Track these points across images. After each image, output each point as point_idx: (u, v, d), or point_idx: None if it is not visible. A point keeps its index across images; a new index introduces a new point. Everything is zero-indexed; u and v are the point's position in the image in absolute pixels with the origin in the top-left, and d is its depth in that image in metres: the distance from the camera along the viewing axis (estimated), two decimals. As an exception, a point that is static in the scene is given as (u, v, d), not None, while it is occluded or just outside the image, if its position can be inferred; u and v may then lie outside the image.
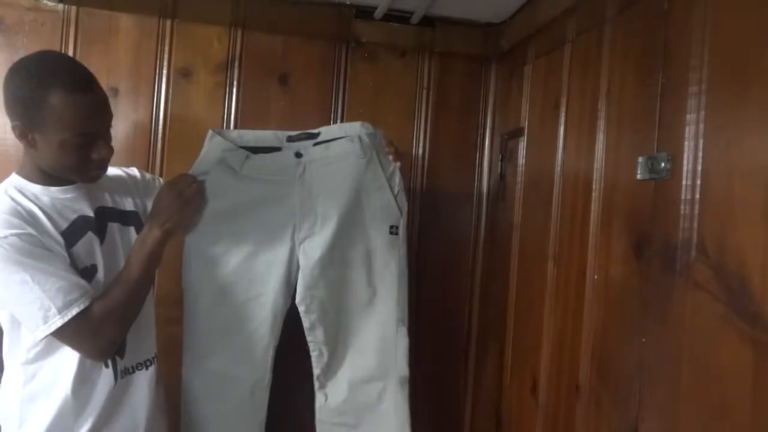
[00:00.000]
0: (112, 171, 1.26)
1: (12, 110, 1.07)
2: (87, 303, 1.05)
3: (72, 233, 1.10)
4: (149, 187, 1.34)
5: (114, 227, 1.20)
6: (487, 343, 1.77)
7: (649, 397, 1.00)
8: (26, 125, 1.06)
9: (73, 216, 1.12)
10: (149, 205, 1.29)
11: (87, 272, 1.11)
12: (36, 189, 1.11)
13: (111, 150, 1.14)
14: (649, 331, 1.01)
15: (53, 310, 1.02)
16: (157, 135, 1.63)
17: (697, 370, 0.90)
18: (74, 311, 1.03)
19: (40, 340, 1.06)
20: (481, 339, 1.81)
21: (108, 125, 1.14)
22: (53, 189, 1.12)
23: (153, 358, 1.25)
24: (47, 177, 1.12)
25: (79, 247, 1.11)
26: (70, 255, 1.09)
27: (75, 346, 1.08)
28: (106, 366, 1.14)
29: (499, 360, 1.65)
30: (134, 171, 1.36)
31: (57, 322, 1.02)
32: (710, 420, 0.87)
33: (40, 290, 1.01)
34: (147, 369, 1.23)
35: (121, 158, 1.56)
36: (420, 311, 1.78)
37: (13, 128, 1.07)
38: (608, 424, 1.12)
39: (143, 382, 1.22)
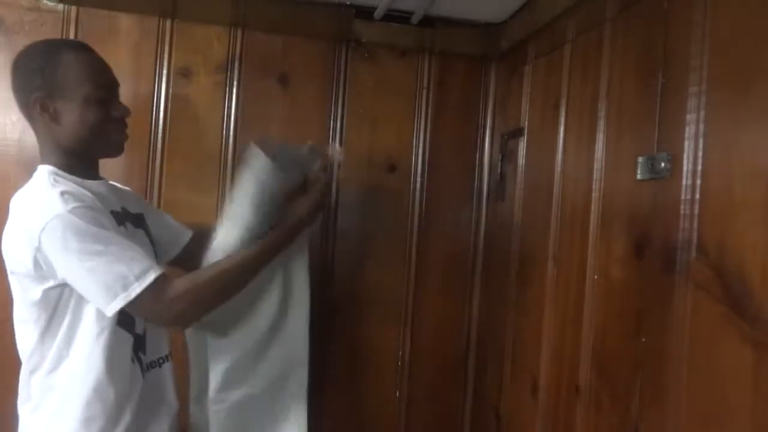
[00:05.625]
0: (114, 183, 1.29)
1: (29, 85, 1.08)
2: (161, 270, 1.05)
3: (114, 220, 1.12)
4: (149, 206, 1.38)
5: (129, 227, 1.21)
6: (487, 343, 1.77)
7: (649, 397, 1.00)
8: (47, 93, 1.07)
9: (109, 209, 1.13)
10: (148, 218, 1.30)
11: None
12: (74, 180, 1.11)
13: (128, 110, 1.17)
14: (649, 331, 1.01)
15: (131, 277, 1.01)
16: (157, 135, 1.63)
17: (697, 370, 0.90)
18: (151, 277, 1.03)
19: (114, 314, 1.04)
20: (481, 339, 1.81)
21: (117, 86, 1.18)
22: (87, 182, 1.13)
23: (167, 355, 1.25)
24: (76, 167, 1.12)
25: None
26: None
27: (152, 314, 1.08)
28: (133, 361, 1.14)
29: (499, 360, 1.65)
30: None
31: (136, 288, 1.01)
32: (710, 420, 0.87)
33: (115, 260, 1.01)
34: (160, 367, 1.23)
35: (121, 158, 1.56)
36: (420, 311, 1.78)
37: (34, 102, 1.08)
38: (608, 424, 1.12)
39: (164, 380, 1.23)
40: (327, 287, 1.72)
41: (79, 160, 1.13)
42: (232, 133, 1.66)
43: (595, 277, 1.19)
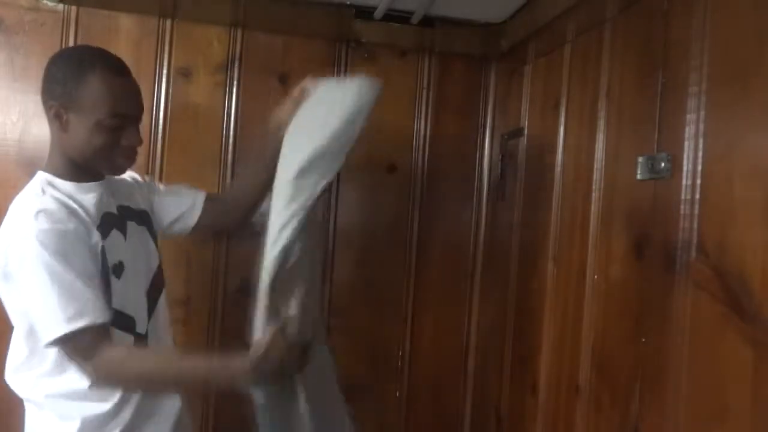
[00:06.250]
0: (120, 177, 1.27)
1: (50, 92, 1.09)
2: (96, 320, 1.02)
3: (103, 228, 1.11)
4: (150, 189, 1.34)
5: (132, 225, 1.21)
6: (487, 343, 1.77)
7: (649, 397, 1.00)
8: (63, 105, 1.07)
9: (102, 212, 1.13)
10: (154, 206, 1.30)
11: (116, 269, 1.12)
12: (68, 186, 1.11)
13: (140, 139, 1.15)
14: (649, 331, 1.01)
15: (62, 317, 0.99)
16: (157, 135, 1.63)
17: (697, 370, 0.90)
18: (80, 324, 1.00)
19: (45, 347, 1.04)
20: (481, 339, 1.81)
21: (139, 115, 1.16)
22: (84, 185, 1.12)
23: None
24: (76, 172, 1.12)
25: (109, 243, 1.11)
26: (103, 250, 1.09)
27: (74, 360, 1.06)
28: None
29: (499, 360, 1.65)
30: (134, 174, 1.36)
31: (62, 329, 1.00)
32: (710, 420, 0.87)
33: (56, 295, 1.00)
34: None
35: (121, 158, 1.56)
36: (420, 311, 1.78)
37: (50, 109, 1.09)
38: (608, 424, 1.12)
39: None
40: (327, 287, 1.72)
41: (80, 167, 1.13)
42: (232, 133, 1.66)
43: (595, 277, 1.19)
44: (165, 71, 1.63)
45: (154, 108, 1.63)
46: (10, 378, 1.13)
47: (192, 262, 1.65)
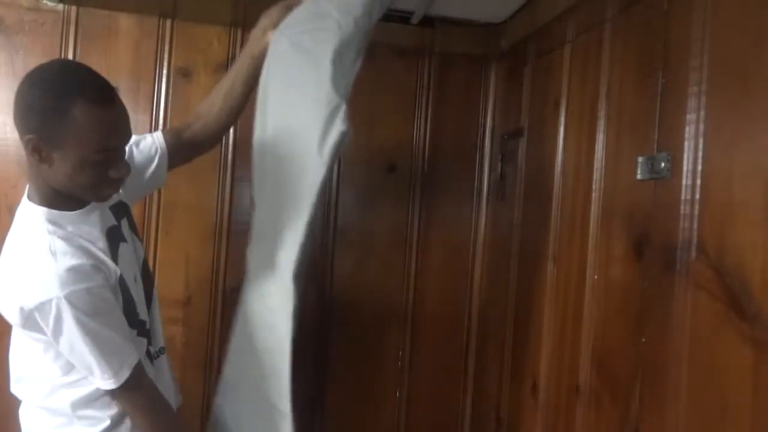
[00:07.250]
0: None
1: (26, 123, 0.97)
2: (134, 361, 1.05)
3: (113, 253, 1.09)
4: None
5: (124, 223, 1.19)
6: (487, 343, 1.77)
7: (649, 397, 1.00)
8: (43, 140, 0.96)
9: (105, 231, 1.09)
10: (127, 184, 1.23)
11: (133, 282, 1.12)
12: (69, 220, 1.04)
13: (129, 169, 1.06)
14: (649, 331, 1.01)
15: (110, 373, 1.02)
16: (157, 135, 1.63)
17: (697, 370, 0.90)
18: (125, 374, 1.04)
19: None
20: (481, 339, 1.81)
21: (127, 142, 1.07)
22: (81, 213, 1.06)
23: (163, 348, 1.27)
24: (66, 200, 1.04)
25: (120, 264, 1.09)
26: (122, 280, 1.07)
27: (115, 399, 1.09)
28: (144, 357, 1.15)
29: (499, 360, 1.65)
30: None
31: (111, 384, 1.03)
32: (710, 420, 0.87)
33: (100, 354, 1.01)
34: (164, 354, 1.25)
35: (121, 158, 1.56)
36: (420, 311, 1.78)
37: (27, 142, 0.97)
38: (608, 424, 1.12)
39: (165, 365, 1.25)
40: (327, 287, 1.72)
41: (67, 196, 1.05)
42: (231, 133, 1.66)
43: (595, 277, 1.19)
44: (165, 71, 1.64)
45: (154, 108, 1.63)
46: (19, 388, 1.12)
47: (192, 262, 1.66)
